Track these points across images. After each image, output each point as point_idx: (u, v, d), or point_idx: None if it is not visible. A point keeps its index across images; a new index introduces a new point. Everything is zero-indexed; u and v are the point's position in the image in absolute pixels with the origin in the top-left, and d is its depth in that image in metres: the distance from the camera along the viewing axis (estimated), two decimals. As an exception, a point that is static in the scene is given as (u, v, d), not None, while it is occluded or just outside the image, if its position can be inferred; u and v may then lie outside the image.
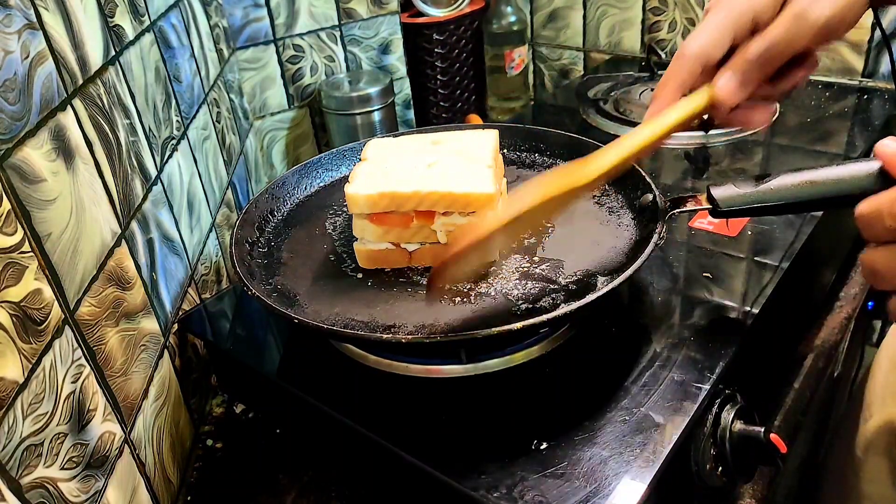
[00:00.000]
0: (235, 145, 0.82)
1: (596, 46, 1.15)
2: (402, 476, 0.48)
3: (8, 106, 0.36)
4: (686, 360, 0.48)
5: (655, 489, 0.40)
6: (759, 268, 0.58)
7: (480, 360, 0.49)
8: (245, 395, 0.62)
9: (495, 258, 0.53)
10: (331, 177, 0.68)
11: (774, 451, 0.46)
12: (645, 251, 0.48)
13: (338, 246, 0.58)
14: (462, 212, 0.50)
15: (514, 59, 1.12)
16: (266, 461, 0.56)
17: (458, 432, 0.46)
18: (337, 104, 0.93)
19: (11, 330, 0.34)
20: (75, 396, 0.40)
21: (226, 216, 0.75)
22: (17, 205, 0.36)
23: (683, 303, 0.54)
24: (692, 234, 0.63)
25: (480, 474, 0.42)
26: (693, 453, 0.47)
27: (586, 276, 0.51)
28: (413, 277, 0.53)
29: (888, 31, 0.88)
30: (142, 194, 0.53)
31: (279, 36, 0.91)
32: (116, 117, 0.49)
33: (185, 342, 0.59)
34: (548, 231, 0.57)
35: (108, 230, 0.46)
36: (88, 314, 0.42)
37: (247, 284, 0.50)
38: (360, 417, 0.47)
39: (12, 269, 0.35)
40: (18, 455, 0.34)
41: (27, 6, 0.39)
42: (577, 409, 0.46)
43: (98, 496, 0.41)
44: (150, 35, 0.58)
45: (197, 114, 0.69)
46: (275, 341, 0.58)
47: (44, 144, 0.39)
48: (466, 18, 1.06)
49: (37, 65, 0.39)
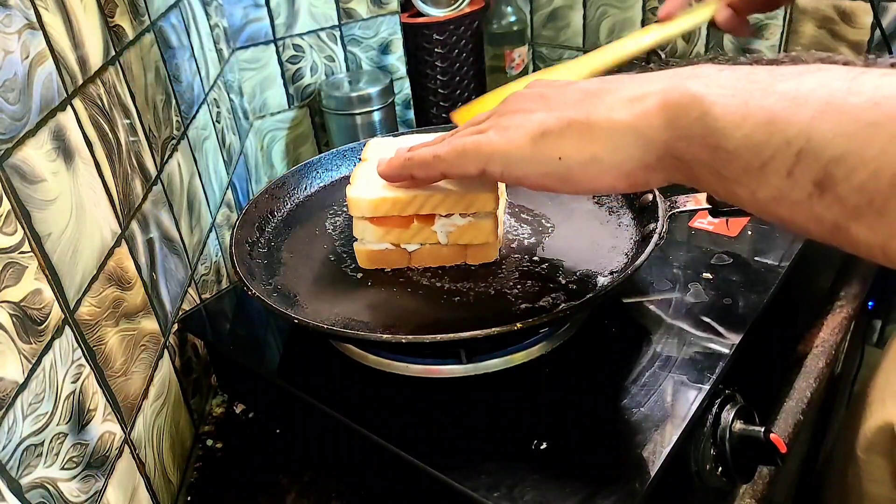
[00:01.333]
0: (235, 145, 0.82)
1: (596, 46, 1.14)
2: (402, 476, 0.48)
3: (8, 106, 0.36)
4: (686, 360, 0.48)
5: (655, 489, 0.40)
6: (759, 268, 0.58)
7: (480, 360, 0.49)
8: (245, 395, 0.62)
9: (496, 257, 0.53)
10: (331, 177, 0.68)
11: (774, 451, 0.46)
12: (645, 251, 0.48)
13: (338, 246, 0.58)
14: (463, 213, 0.50)
15: (514, 59, 1.12)
16: (266, 461, 0.56)
17: (459, 432, 0.46)
18: (337, 104, 0.93)
19: (11, 330, 0.34)
20: (75, 396, 0.40)
21: (226, 216, 0.75)
22: (17, 205, 0.36)
23: (683, 303, 0.54)
24: (692, 234, 0.63)
25: (480, 474, 0.42)
26: (693, 453, 0.47)
27: (586, 276, 0.51)
28: (413, 277, 0.53)
29: (888, 31, 0.87)
30: (142, 194, 0.53)
31: (279, 36, 0.91)
32: (116, 117, 0.49)
33: (185, 342, 0.59)
34: (548, 231, 0.57)
35: (108, 230, 0.46)
36: (88, 314, 0.42)
37: (247, 284, 0.50)
38: (360, 417, 0.47)
39: (12, 269, 0.35)
40: (18, 455, 0.34)
41: (27, 6, 0.39)
42: (577, 409, 0.46)
43: (98, 496, 0.41)
44: (150, 35, 0.58)
45: (197, 114, 0.69)
46: (275, 341, 0.58)
47: (44, 144, 0.39)
48: (466, 18, 1.06)
49: (37, 65, 0.39)
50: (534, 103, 0.41)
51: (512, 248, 0.55)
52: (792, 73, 0.30)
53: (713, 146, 0.31)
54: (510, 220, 0.58)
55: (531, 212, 0.59)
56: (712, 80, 0.32)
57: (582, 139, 0.37)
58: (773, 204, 0.30)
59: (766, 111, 0.29)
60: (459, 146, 0.42)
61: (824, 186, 0.28)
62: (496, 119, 0.42)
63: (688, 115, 0.32)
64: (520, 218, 0.59)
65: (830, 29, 0.93)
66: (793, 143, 0.28)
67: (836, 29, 0.93)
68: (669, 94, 0.33)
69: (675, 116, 0.33)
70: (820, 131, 0.27)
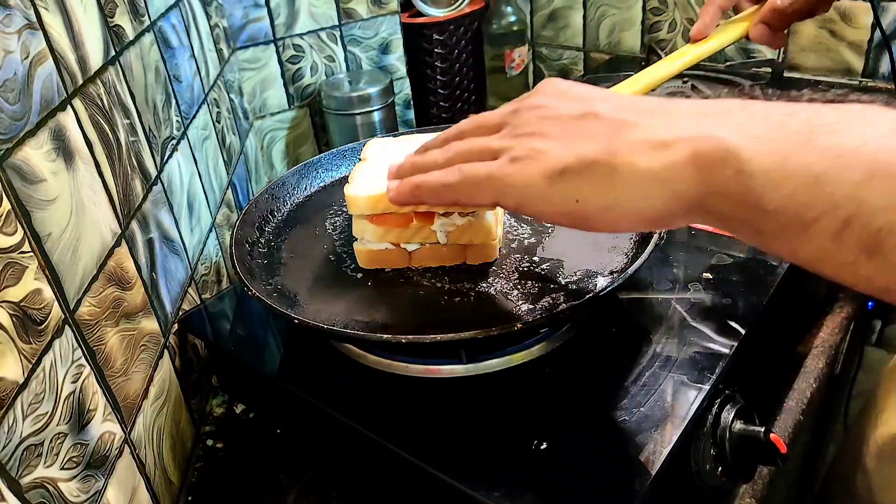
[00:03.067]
0: (235, 145, 0.82)
1: (596, 46, 1.15)
2: (403, 476, 0.48)
3: (8, 106, 0.36)
4: (686, 360, 0.48)
5: (655, 489, 0.40)
6: (759, 268, 0.58)
7: (480, 360, 0.49)
8: (245, 395, 0.62)
9: (496, 257, 0.53)
10: (331, 177, 0.68)
11: (774, 451, 0.46)
12: (645, 251, 0.48)
13: (338, 246, 0.58)
14: (462, 212, 0.50)
15: (514, 59, 1.12)
16: (267, 461, 0.56)
17: (459, 432, 0.46)
18: (337, 104, 0.93)
19: (11, 330, 0.34)
20: (75, 396, 0.40)
21: (226, 216, 0.75)
22: (17, 205, 0.36)
23: (683, 303, 0.54)
24: (692, 234, 0.63)
25: (480, 474, 0.42)
26: (693, 453, 0.47)
27: (586, 276, 0.51)
28: (413, 277, 0.53)
29: (888, 31, 0.87)
30: (142, 194, 0.53)
31: (279, 36, 0.91)
32: (116, 117, 0.49)
33: (186, 342, 0.59)
34: (548, 231, 0.57)
35: (108, 230, 0.46)
36: (88, 314, 0.42)
37: (247, 284, 0.50)
38: (360, 417, 0.47)
39: (12, 269, 0.35)
40: (18, 455, 0.34)
41: (27, 6, 0.39)
42: (577, 410, 0.46)
43: (98, 496, 0.41)
44: (150, 35, 0.58)
45: (197, 114, 0.69)
46: (275, 341, 0.58)
47: (44, 144, 0.39)
48: (466, 18, 1.06)
49: (37, 65, 0.39)
50: (551, 126, 0.38)
51: (512, 248, 0.55)
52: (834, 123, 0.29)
53: (751, 205, 0.30)
54: (510, 220, 0.58)
55: (531, 212, 0.59)
56: (746, 128, 0.30)
57: (602, 183, 0.34)
58: (816, 262, 0.29)
59: (808, 170, 0.28)
60: (472, 177, 0.39)
61: (873, 252, 0.27)
62: (510, 140, 0.39)
63: (722, 171, 0.30)
64: (520, 218, 0.59)
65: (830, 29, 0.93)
66: (840, 208, 0.27)
67: (835, 29, 0.93)
68: (700, 145, 0.31)
69: (708, 172, 0.31)
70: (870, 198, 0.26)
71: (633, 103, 0.36)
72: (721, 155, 0.30)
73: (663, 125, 0.33)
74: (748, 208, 0.30)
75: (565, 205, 0.36)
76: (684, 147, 0.32)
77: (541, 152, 0.37)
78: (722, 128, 0.31)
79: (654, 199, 0.33)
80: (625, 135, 0.34)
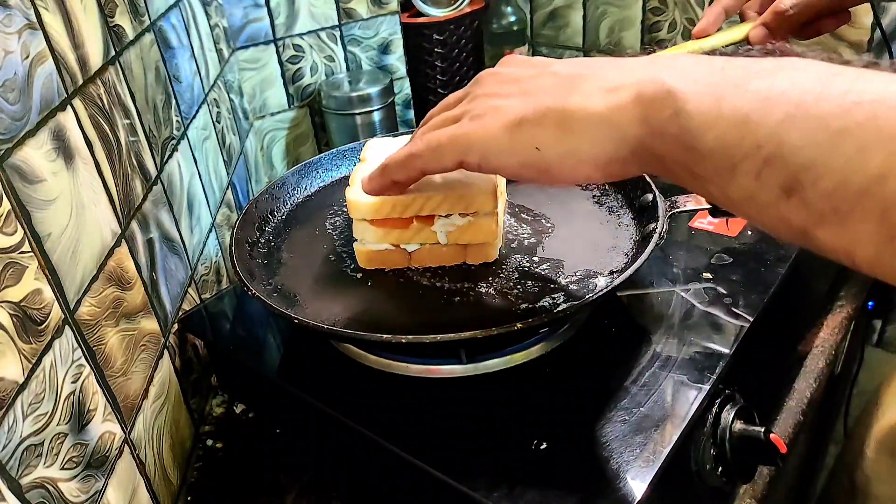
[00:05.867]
0: (235, 145, 0.82)
1: (596, 46, 1.15)
2: (403, 476, 0.48)
3: (8, 106, 0.36)
4: (686, 360, 0.48)
5: (655, 489, 0.40)
6: (759, 268, 0.58)
7: (480, 360, 0.49)
8: (245, 395, 0.62)
9: (496, 257, 0.53)
10: (331, 177, 0.68)
11: (774, 451, 0.46)
12: (645, 251, 0.48)
13: (338, 246, 0.58)
14: (462, 213, 0.50)
15: (514, 59, 1.11)
16: (266, 461, 0.56)
17: (459, 432, 0.46)
18: (337, 104, 0.93)
19: (11, 330, 0.34)
20: (75, 396, 0.40)
21: (226, 216, 0.75)
22: (17, 205, 0.36)
23: (683, 303, 0.54)
24: (692, 234, 0.63)
25: (480, 474, 0.42)
26: (693, 453, 0.47)
27: (586, 276, 0.51)
28: (413, 277, 0.53)
29: (888, 31, 0.87)
30: (142, 194, 0.53)
31: (279, 36, 0.91)
32: (116, 117, 0.49)
33: (185, 342, 0.59)
34: (548, 231, 0.57)
35: (108, 230, 0.46)
36: (88, 314, 0.42)
37: (247, 284, 0.50)
38: (360, 417, 0.47)
39: (12, 269, 0.35)
40: (18, 455, 0.34)
41: (27, 6, 0.39)
42: (577, 410, 0.46)
43: (98, 496, 0.41)
44: (150, 35, 0.58)
45: (197, 114, 0.69)
46: (275, 341, 0.58)
47: (44, 144, 0.39)
48: (466, 18, 1.06)
49: (37, 65, 0.39)
50: (509, 87, 0.40)
51: (512, 248, 0.55)
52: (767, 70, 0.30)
53: (687, 146, 0.31)
54: (510, 220, 0.58)
55: (531, 212, 0.59)
56: (688, 73, 0.32)
57: (558, 129, 0.36)
58: (743, 204, 0.30)
59: (737, 111, 0.29)
60: (434, 140, 0.41)
61: (791, 191, 0.28)
62: (469, 104, 0.41)
63: (661, 111, 0.32)
64: (520, 218, 0.59)
65: (830, 29, 0.93)
66: (762, 147, 0.28)
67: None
68: (644, 87, 0.33)
69: (648, 112, 0.32)
70: (789, 137, 0.27)
71: (589, 61, 0.38)
72: (661, 96, 0.32)
73: (616, 74, 0.35)
74: (685, 149, 0.31)
75: (527, 155, 0.37)
76: (630, 89, 0.33)
77: (499, 108, 0.38)
78: (666, 72, 0.33)
79: (606, 141, 0.34)
80: (579, 84, 0.36)
